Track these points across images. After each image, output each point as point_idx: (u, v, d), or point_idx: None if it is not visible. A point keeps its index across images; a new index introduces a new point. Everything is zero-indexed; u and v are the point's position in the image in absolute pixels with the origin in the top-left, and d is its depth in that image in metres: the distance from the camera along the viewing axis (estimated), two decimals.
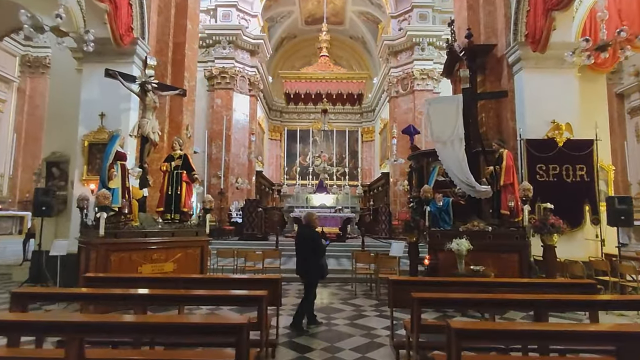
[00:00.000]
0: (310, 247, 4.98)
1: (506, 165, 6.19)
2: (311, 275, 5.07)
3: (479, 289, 3.90)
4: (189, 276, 4.33)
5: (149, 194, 7.07)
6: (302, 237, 5.17)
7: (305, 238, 5.08)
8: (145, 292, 3.17)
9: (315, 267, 5.00)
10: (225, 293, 3.31)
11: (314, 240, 5.03)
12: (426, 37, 15.94)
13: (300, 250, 5.10)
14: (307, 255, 5.00)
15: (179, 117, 8.23)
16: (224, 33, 16.01)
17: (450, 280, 3.95)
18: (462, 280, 4.00)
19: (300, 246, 5.09)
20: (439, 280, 3.92)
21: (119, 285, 3.89)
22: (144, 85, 6.62)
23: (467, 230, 6.02)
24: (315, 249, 4.97)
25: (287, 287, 7.55)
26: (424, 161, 7.97)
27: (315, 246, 4.98)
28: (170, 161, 6.76)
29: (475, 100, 7.24)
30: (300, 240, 5.14)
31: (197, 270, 6.35)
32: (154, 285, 3.90)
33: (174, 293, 3.25)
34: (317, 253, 4.99)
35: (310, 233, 5.10)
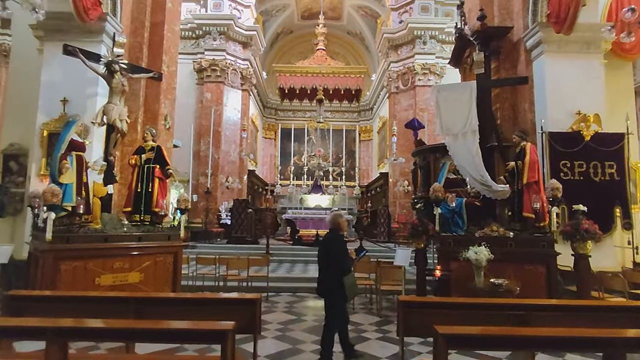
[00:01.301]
0: (333, 258, 3.80)
1: (530, 160, 5.33)
2: (334, 296, 3.80)
3: (516, 314, 3.03)
4: (144, 295, 3.42)
5: (117, 191, 6.15)
6: (324, 246, 3.99)
7: (329, 246, 3.90)
8: (61, 324, 2.26)
9: (336, 287, 3.72)
10: (174, 326, 2.41)
11: (338, 249, 3.83)
12: (428, 30, 15.12)
13: (322, 261, 3.94)
14: (330, 268, 3.82)
15: (155, 105, 7.32)
16: (214, 23, 15.11)
17: (479, 303, 3.08)
18: (493, 303, 3.12)
19: (323, 257, 3.92)
20: (462, 303, 3.05)
21: (48, 308, 2.98)
22: (111, 65, 5.70)
23: (485, 236, 5.14)
24: (340, 261, 3.77)
25: (276, 299, 6.65)
26: (431, 157, 7.11)
27: (339, 257, 3.79)
28: (141, 154, 5.85)
29: (490, 87, 6.39)
30: (323, 250, 3.95)
31: (169, 281, 5.43)
32: (94, 308, 3.00)
33: (96, 326, 2.34)
34: (342, 266, 3.76)
35: (335, 240, 3.92)
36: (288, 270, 8.70)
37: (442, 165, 6.35)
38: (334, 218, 4.03)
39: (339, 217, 4.04)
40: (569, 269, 5.28)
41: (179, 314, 3.00)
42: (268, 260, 6.76)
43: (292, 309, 5.94)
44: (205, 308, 3.07)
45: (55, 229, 4.51)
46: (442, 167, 6.35)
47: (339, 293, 3.72)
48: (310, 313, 5.66)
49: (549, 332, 2.32)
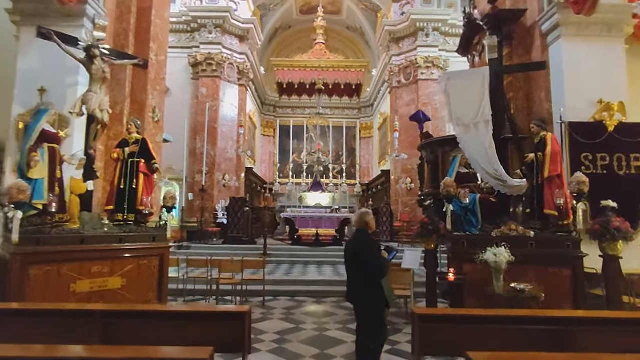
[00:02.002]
0: (362, 263, 3.26)
1: (552, 151, 4.83)
2: (365, 305, 3.27)
3: (553, 329, 2.54)
4: (113, 307, 2.92)
5: (101, 188, 5.66)
6: (351, 248, 3.43)
7: (358, 248, 3.36)
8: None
9: (369, 293, 3.23)
10: (139, 355, 1.91)
11: (370, 250, 3.32)
12: (431, 22, 14.61)
13: (350, 266, 3.45)
14: (359, 273, 3.31)
15: (142, 96, 6.81)
16: (210, 16, 14.59)
17: (508, 316, 2.58)
18: (530, 315, 2.62)
19: (350, 261, 3.41)
20: (489, 316, 2.55)
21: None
22: (90, 50, 5.20)
23: (502, 235, 4.65)
24: (376, 264, 3.24)
25: (273, 304, 6.16)
26: (439, 151, 6.61)
27: (373, 259, 3.27)
28: (124, 147, 5.36)
29: (504, 73, 5.89)
30: (350, 251, 3.42)
31: (154, 287, 4.94)
32: (51, 324, 2.51)
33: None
34: (373, 271, 3.24)
35: (363, 242, 3.39)
36: (286, 272, 8.21)
37: (453, 159, 5.86)
38: (361, 216, 3.52)
39: (366, 215, 3.52)
40: (594, 271, 4.80)
41: (154, 330, 2.50)
42: (264, 263, 6.26)
43: (290, 315, 5.46)
44: (186, 323, 2.58)
45: (24, 229, 4.02)
46: (453, 160, 5.86)
47: (377, 299, 3.21)
48: (309, 321, 5.17)
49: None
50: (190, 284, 6.59)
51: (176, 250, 10.03)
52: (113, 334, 2.56)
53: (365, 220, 3.46)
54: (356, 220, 3.57)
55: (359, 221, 3.51)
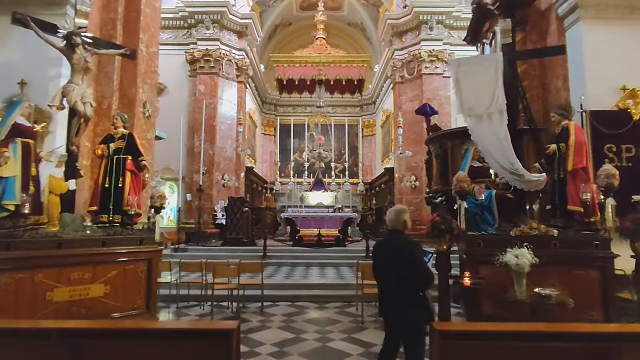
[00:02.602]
0: (404, 270, 2.72)
1: (576, 142, 4.40)
2: (409, 322, 2.71)
3: (598, 347, 2.12)
4: (73, 326, 2.49)
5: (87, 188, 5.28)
6: (389, 253, 2.86)
7: (398, 254, 2.78)
8: None
9: (414, 307, 2.70)
10: None
11: (410, 257, 2.76)
12: (435, 15, 14.16)
13: (384, 274, 2.89)
14: (400, 283, 2.73)
15: (132, 90, 6.41)
16: (207, 11, 14.20)
17: (555, 332, 2.15)
18: (579, 332, 2.19)
19: (385, 267, 2.85)
20: (532, 332, 2.12)
21: None
22: (71, 38, 4.80)
23: (523, 235, 4.22)
24: (423, 273, 2.74)
25: (272, 310, 5.75)
26: (449, 144, 6.18)
27: (420, 267, 2.76)
28: (110, 143, 4.96)
29: (518, 60, 5.46)
30: (388, 256, 2.85)
31: (141, 294, 4.54)
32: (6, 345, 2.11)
33: None
34: (426, 278, 2.74)
35: (406, 245, 2.85)
36: (287, 275, 7.80)
37: (465, 152, 5.43)
38: (398, 214, 2.92)
39: (404, 213, 2.97)
40: (622, 272, 4.37)
41: (121, 354, 2.09)
42: (262, 267, 5.85)
43: (290, 323, 5.04)
44: (161, 343, 2.16)
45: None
46: (465, 154, 5.43)
47: (422, 314, 2.69)
48: (311, 329, 4.75)
49: None
50: (184, 289, 6.21)
51: (173, 253, 9.65)
52: (76, 356, 2.15)
53: (403, 219, 2.92)
54: (392, 220, 2.95)
55: (395, 220, 2.92)
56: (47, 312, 3.86)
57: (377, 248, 3.13)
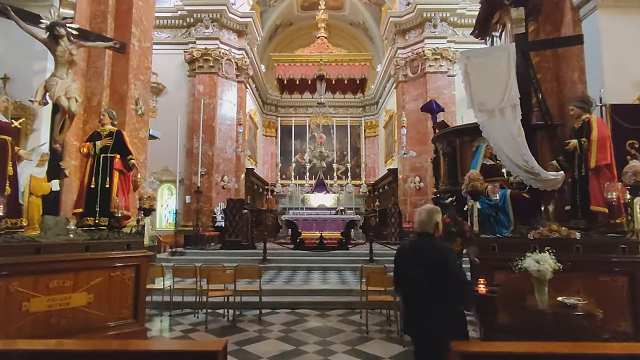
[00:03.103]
0: (437, 280, 2.31)
1: (599, 136, 4.05)
2: (442, 339, 2.19)
3: None
4: (37, 347, 2.15)
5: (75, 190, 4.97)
6: (415, 257, 2.47)
7: (426, 260, 2.39)
8: None
9: (450, 323, 2.32)
10: None
11: (444, 265, 2.36)
12: (438, 12, 13.84)
13: (411, 283, 2.46)
14: (433, 295, 2.33)
15: (123, 86, 6.10)
16: (206, 9, 13.92)
17: (594, 354, 1.81)
18: (620, 353, 1.85)
19: (413, 276, 2.41)
20: (569, 354, 1.78)
21: None
22: (55, 29, 4.50)
23: (542, 237, 3.88)
24: (461, 285, 2.39)
25: (270, 318, 5.40)
26: (457, 142, 5.84)
27: (457, 278, 2.38)
28: (96, 140, 4.65)
29: (532, 50, 5.11)
30: (411, 264, 2.46)
31: (128, 302, 4.21)
32: None
33: None
34: (463, 291, 2.41)
35: (436, 250, 2.46)
36: (287, 280, 7.46)
37: (476, 149, 5.09)
38: (430, 215, 2.51)
39: (436, 213, 2.55)
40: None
41: None
42: (260, 272, 5.51)
43: (289, 333, 4.70)
44: None
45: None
46: (476, 151, 5.09)
47: (459, 331, 2.32)
48: (312, 340, 4.40)
49: None
50: (178, 295, 5.88)
51: (169, 257, 9.32)
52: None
53: (435, 220, 2.52)
54: (422, 221, 2.53)
55: (426, 222, 2.51)
56: (22, 324, 3.54)
57: (403, 253, 2.66)
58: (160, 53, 14.14)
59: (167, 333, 4.76)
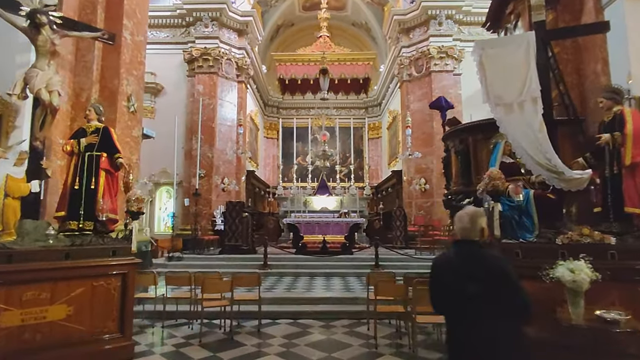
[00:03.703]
0: (492, 297, 1.92)
1: (634, 130, 3.65)
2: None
3: None
4: None
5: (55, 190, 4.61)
6: (460, 270, 2.03)
7: (475, 273, 1.98)
8: None
9: (512, 348, 1.92)
10: None
11: (501, 278, 1.96)
12: (444, 9, 13.49)
13: (457, 301, 2.01)
14: (484, 314, 1.92)
15: (114, 81, 5.75)
16: (206, 8, 13.61)
17: None
18: None
19: (469, 295, 1.95)
20: None
21: None
22: (35, 16, 4.15)
23: (571, 243, 3.48)
24: (523, 300, 1.96)
25: (270, 329, 5.01)
26: (470, 139, 5.44)
27: (509, 293, 1.95)
28: (81, 137, 4.29)
29: (553, 39, 4.73)
30: (454, 278, 2.03)
31: (113, 314, 3.83)
32: None
33: None
34: (526, 307, 1.97)
35: (489, 260, 2.04)
36: (289, 287, 7.06)
37: (494, 146, 4.70)
38: (474, 219, 2.10)
39: (479, 216, 2.15)
40: None
41: None
42: (260, 280, 5.12)
43: (291, 347, 4.30)
44: None
45: None
46: (494, 148, 4.70)
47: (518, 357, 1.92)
48: (315, 356, 4.00)
49: None
50: (172, 304, 5.49)
51: (166, 262, 8.95)
52: None
53: (480, 225, 2.12)
54: (464, 227, 2.09)
55: (470, 228, 2.08)
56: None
57: (444, 267, 2.15)
58: (159, 53, 13.85)
59: (158, 347, 4.36)
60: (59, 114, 5.23)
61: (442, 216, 12.40)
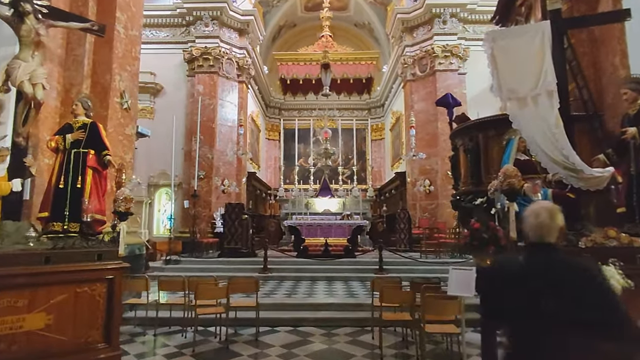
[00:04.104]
0: (579, 313, 1.45)
1: None
2: None
3: None
4: None
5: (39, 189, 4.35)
6: (545, 285, 1.54)
7: (558, 285, 1.52)
8: None
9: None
10: None
11: (605, 295, 1.52)
12: (448, 8, 13.23)
13: (542, 323, 1.48)
14: (570, 333, 1.43)
15: (106, 77, 5.49)
16: (206, 7, 13.41)
17: None
18: None
19: (549, 314, 1.47)
20: None
21: None
22: (19, 4, 3.91)
23: (596, 246, 3.18)
24: (606, 319, 1.45)
25: (268, 338, 4.71)
26: (480, 137, 5.15)
27: (603, 309, 1.46)
28: (67, 133, 4.03)
29: (570, 28, 4.44)
30: (535, 294, 1.53)
31: (98, 323, 3.55)
32: None
33: None
34: (608, 329, 1.44)
35: (574, 269, 1.57)
36: (289, 293, 6.76)
37: (507, 143, 4.40)
38: (552, 216, 1.65)
39: (558, 213, 1.68)
40: None
41: None
42: (258, 285, 4.83)
43: (289, 358, 4.01)
44: None
45: None
46: (507, 144, 4.40)
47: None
48: None
49: None
50: (166, 309, 5.21)
51: (163, 265, 8.68)
52: None
53: (558, 224, 1.65)
54: (541, 226, 1.64)
55: (547, 226, 1.63)
56: None
57: (510, 276, 1.67)
58: (158, 53, 13.67)
59: (148, 358, 4.08)
60: (47, 110, 5.01)
61: (447, 218, 12.09)
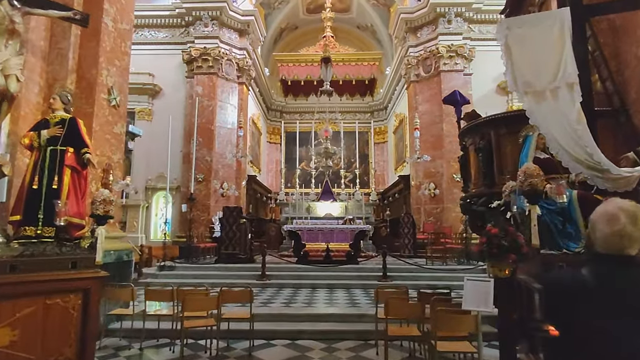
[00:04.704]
0: None
1: None
2: None
3: None
4: None
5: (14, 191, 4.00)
6: (629, 306, 1.24)
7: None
8: None
9: None
10: None
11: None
12: (453, 7, 12.92)
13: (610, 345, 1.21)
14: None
15: (92, 71, 5.17)
16: (205, 7, 13.16)
17: None
18: None
19: (614, 335, 1.20)
20: None
21: None
22: None
23: None
24: None
25: (263, 354, 4.32)
26: (492, 134, 4.78)
27: None
28: (42, 129, 3.69)
29: (592, 16, 4.09)
30: (616, 318, 1.23)
31: (72, 339, 3.18)
32: None
33: None
34: None
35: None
36: (288, 301, 6.38)
37: (524, 140, 4.03)
38: (635, 218, 1.29)
39: (634, 211, 1.31)
40: None
41: None
42: (252, 295, 4.46)
43: None
44: None
45: None
46: (524, 142, 4.03)
47: None
48: None
49: None
50: (154, 320, 4.85)
51: (157, 272, 8.32)
52: None
53: (633, 225, 1.31)
54: (621, 233, 1.30)
55: (631, 232, 1.30)
56: None
57: (581, 295, 1.34)
58: (157, 53, 13.42)
59: None
60: (28, 107, 4.69)
61: (453, 223, 11.69)
